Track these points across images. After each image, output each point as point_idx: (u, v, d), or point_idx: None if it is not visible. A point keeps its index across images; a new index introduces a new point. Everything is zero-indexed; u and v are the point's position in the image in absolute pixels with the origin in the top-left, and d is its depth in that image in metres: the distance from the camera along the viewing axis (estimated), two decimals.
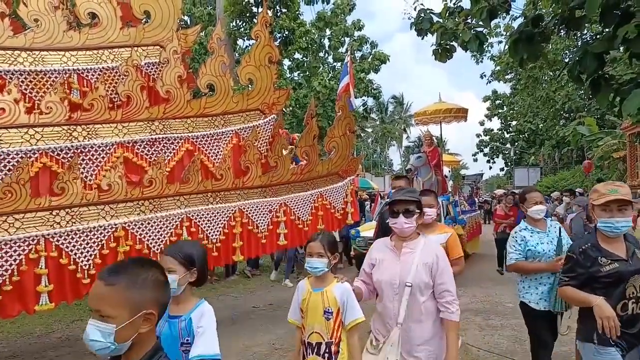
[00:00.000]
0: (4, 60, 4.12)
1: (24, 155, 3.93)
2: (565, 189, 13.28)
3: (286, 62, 19.14)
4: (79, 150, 4.24)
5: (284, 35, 17.59)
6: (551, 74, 21.22)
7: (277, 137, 5.59)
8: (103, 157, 4.39)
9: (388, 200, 4.81)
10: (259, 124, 5.48)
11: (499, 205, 11.03)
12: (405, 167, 11.92)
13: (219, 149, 5.18)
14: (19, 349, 5.12)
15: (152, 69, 4.97)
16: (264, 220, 5.35)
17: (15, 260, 3.74)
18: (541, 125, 27.70)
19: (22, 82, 4.21)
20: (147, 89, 4.78)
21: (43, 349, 5.09)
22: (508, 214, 9.86)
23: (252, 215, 5.26)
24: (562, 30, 5.72)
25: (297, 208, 5.66)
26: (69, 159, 4.15)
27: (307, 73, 18.81)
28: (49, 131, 4.12)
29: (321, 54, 19.97)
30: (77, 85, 4.51)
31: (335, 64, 20.06)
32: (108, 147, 4.42)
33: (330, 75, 18.48)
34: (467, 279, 9.00)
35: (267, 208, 5.40)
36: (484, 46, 7.19)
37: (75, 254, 4.05)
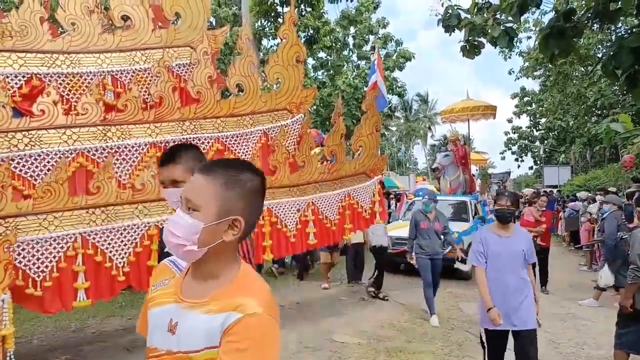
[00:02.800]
0: (43, 63, 4.25)
1: (62, 156, 4.06)
2: (599, 187, 12.89)
3: (310, 61, 19.16)
4: (113, 150, 4.34)
5: (309, 34, 17.61)
6: (583, 69, 20.63)
7: (304, 136, 5.60)
8: (136, 157, 4.48)
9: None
10: (287, 124, 5.50)
11: (526, 209, 8.50)
12: (432, 166, 11.80)
13: (248, 148, 5.22)
14: (56, 342, 5.29)
15: (183, 69, 5.04)
16: (292, 219, 5.38)
17: (54, 257, 3.87)
18: (572, 122, 26.90)
19: (60, 84, 4.33)
20: (178, 89, 4.86)
21: (79, 343, 5.24)
22: (539, 220, 7.73)
23: (280, 215, 5.29)
24: (595, 24, 5.55)
25: (325, 207, 5.66)
26: (104, 158, 4.26)
27: (332, 72, 18.78)
28: (85, 132, 4.23)
29: (345, 53, 19.90)
30: (111, 87, 4.61)
31: (359, 62, 19.98)
32: (141, 147, 4.51)
33: (354, 73, 18.41)
34: None
35: (295, 207, 5.42)
36: (513, 42, 7.05)
37: (111, 251, 4.16)
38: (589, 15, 4.71)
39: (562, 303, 7.07)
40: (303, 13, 17.49)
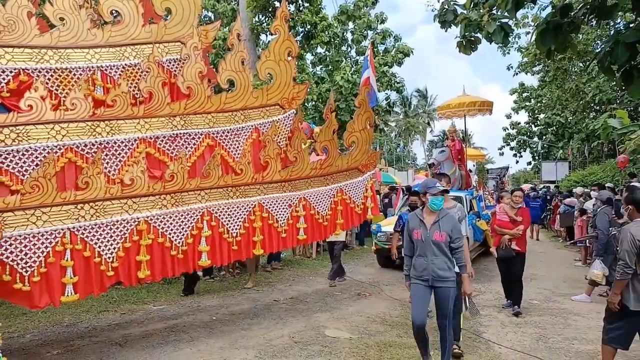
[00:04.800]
0: (31, 58, 4.24)
1: (50, 151, 4.05)
2: (594, 183, 12.89)
3: (309, 57, 19.12)
4: (102, 146, 4.34)
5: (306, 29, 17.57)
6: (581, 65, 20.57)
7: (296, 131, 5.60)
8: (126, 152, 4.48)
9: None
10: (279, 119, 5.50)
11: (498, 206, 6.84)
12: (428, 162, 11.79)
13: (239, 144, 5.22)
14: (48, 337, 5.30)
15: (173, 65, 5.04)
16: (283, 214, 5.39)
17: (42, 252, 3.87)
18: (570, 118, 26.86)
19: (49, 79, 4.32)
20: (168, 85, 4.85)
21: (71, 338, 5.25)
22: (515, 219, 6.22)
23: (271, 210, 5.30)
24: (592, 20, 5.52)
25: (317, 202, 5.67)
26: (93, 154, 4.25)
27: (330, 67, 18.73)
28: (74, 127, 4.23)
29: (344, 48, 19.83)
30: (101, 82, 4.61)
31: (358, 57, 19.89)
32: (131, 143, 4.51)
33: (352, 69, 18.35)
34: (490, 276, 8.86)
35: (287, 202, 5.42)
36: (510, 37, 6.99)
37: (99, 246, 4.16)
38: (586, 10, 4.69)
39: (554, 298, 7.08)
40: (301, 8, 17.44)
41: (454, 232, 4.01)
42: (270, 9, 17.65)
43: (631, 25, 5.86)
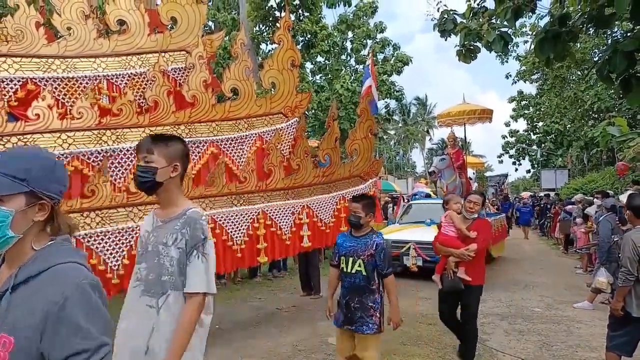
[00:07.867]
0: (38, 67, 4.29)
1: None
2: (597, 190, 12.94)
3: (308, 65, 19.26)
4: (108, 154, 4.37)
5: (306, 38, 17.73)
6: (579, 73, 20.74)
7: (299, 139, 5.64)
8: (132, 160, 4.51)
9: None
10: (282, 127, 5.54)
11: (444, 215, 4.79)
12: (428, 170, 11.83)
13: (243, 152, 5.26)
14: None
15: (178, 74, 5.08)
16: (287, 222, 5.40)
17: None
18: (569, 126, 27.00)
19: (56, 88, 4.36)
20: (173, 93, 4.89)
21: None
22: (465, 234, 4.44)
23: (275, 217, 5.32)
24: (590, 29, 5.59)
25: (320, 210, 5.70)
26: (99, 162, 4.28)
27: (329, 76, 18.88)
28: (80, 136, 4.26)
29: (343, 57, 20.01)
30: (107, 91, 4.65)
31: (357, 66, 20.07)
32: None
33: (352, 78, 18.49)
34: (491, 283, 8.86)
35: (290, 210, 5.45)
36: (509, 46, 7.05)
37: (105, 254, 4.17)
38: (584, 19, 4.76)
39: (556, 306, 7.09)
40: (301, 18, 17.61)
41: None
42: (270, 19, 17.84)
43: (629, 34, 5.94)
